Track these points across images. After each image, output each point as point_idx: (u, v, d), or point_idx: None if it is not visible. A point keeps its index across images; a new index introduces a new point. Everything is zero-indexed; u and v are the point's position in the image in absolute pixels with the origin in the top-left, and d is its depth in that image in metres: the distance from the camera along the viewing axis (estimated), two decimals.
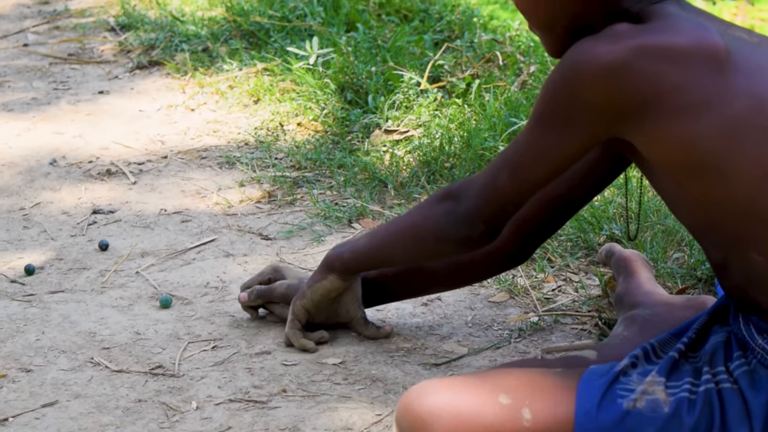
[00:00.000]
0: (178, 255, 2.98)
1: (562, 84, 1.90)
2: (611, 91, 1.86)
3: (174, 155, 3.66)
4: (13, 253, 3.03)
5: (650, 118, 1.85)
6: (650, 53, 1.85)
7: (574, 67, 1.88)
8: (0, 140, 3.83)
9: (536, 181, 2.03)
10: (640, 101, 1.85)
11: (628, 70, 1.84)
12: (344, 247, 2.41)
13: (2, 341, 2.56)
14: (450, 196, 2.15)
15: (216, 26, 4.75)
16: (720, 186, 1.85)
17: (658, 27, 1.89)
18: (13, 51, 4.90)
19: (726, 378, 1.89)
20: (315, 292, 2.42)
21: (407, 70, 3.85)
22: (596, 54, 1.86)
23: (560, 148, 1.95)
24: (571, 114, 1.91)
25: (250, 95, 4.07)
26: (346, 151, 3.55)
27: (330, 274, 2.40)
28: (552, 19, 2.01)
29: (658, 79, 1.84)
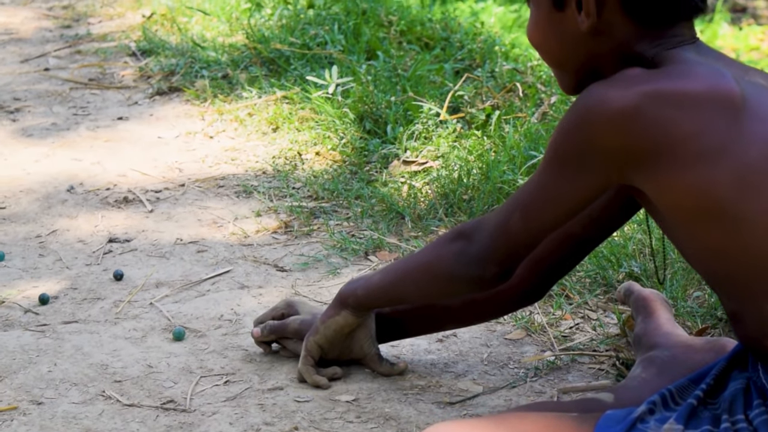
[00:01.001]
0: (192, 286, 2.96)
1: (575, 128, 1.88)
2: (623, 137, 1.83)
3: (191, 183, 3.65)
4: (28, 282, 3.01)
5: (663, 164, 1.82)
6: (663, 99, 1.82)
7: (586, 111, 1.86)
8: (18, 166, 3.83)
9: (548, 224, 2.00)
10: (652, 148, 1.82)
11: (640, 116, 1.82)
12: (358, 282, 2.38)
13: (14, 372, 2.54)
14: (462, 236, 2.12)
15: (236, 53, 4.74)
16: (733, 236, 1.82)
17: (672, 72, 1.86)
18: (34, 75, 4.91)
19: (746, 426, 1.85)
20: (328, 327, 2.40)
21: (427, 101, 3.83)
22: (608, 99, 1.83)
23: (573, 191, 1.93)
24: (583, 158, 1.88)
25: (269, 123, 4.05)
26: (364, 181, 3.53)
27: (343, 310, 2.38)
28: (564, 58, 2.00)
29: (670, 125, 1.81)
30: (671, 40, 1.91)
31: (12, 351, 2.63)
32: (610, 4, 1.92)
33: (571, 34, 1.96)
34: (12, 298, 2.91)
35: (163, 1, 5.67)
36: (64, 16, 5.97)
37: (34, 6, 6.25)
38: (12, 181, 3.69)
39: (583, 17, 1.93)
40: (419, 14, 5.23)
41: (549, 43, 2.00)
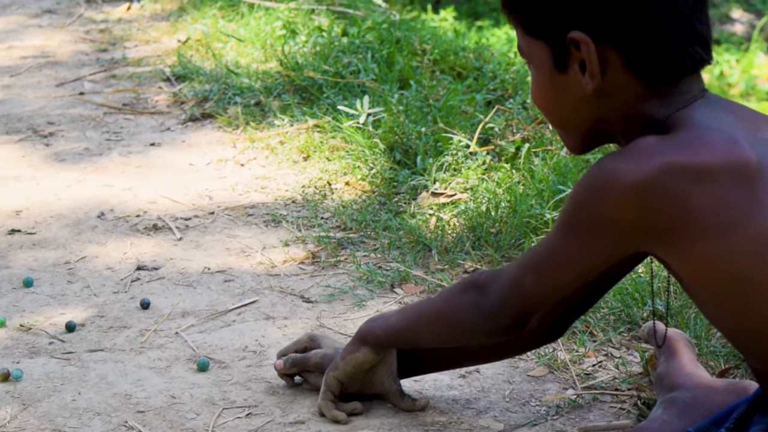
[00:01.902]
0: (218, 316, 2.97)
1: (588, 200, 1.86)
2: (637, 211, 1.81)
3: (221, 211, 3.67)
4: (56, 309, 3.03)
5: (679, 237, 1.80)
6: (678, 173, 1.78)
7: (599, 185, 1.83)
8: (50, 191, 3.86)
9: (562, 286, 2.00)
10: (667, 222, 1.80)
11: (655, 190, 1.79)
12: (377, 321, 2.39)
13: (39, 400, 2.56)
14: (477, 287, 2.12)
15: (270, 80, 4.77)
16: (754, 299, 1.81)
17: (685, 141, 1.82)
18: (69, 99, 4.95)
19: None
20: (347, 363, 2.40)
21: (457, 132, 3.83)
22: (622, 173, 1.80)
23: (586, 258, 1.92)
24: (596, 230, 1.87)
25: (300, 152, 4.07)
26: (392, 212, 3.53)
27: (363, 347, 2.39)
28: (569, 120, 1.96)
29: (686, 200, 1.79)
30: (681, 98, 1.87)
31: (37, 379, 2.65)
32: (613, 63, 1.87)
33: (574, 95, 1.91)
34: (39, 324, 2.94)
35: (198, 27, 5.72)
36: (101, 40, 6.02)
37: (71, 29, 6.31)
38: (43, 206, 3.72)
39: (587, 78, 1.88)
40: (453, 43, 5.25)
41: (552, 105, 1.96)
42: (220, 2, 6.16)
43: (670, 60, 1.87)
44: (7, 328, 2.92)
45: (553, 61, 1.92)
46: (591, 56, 1.86)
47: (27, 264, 3.31)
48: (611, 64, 1.87)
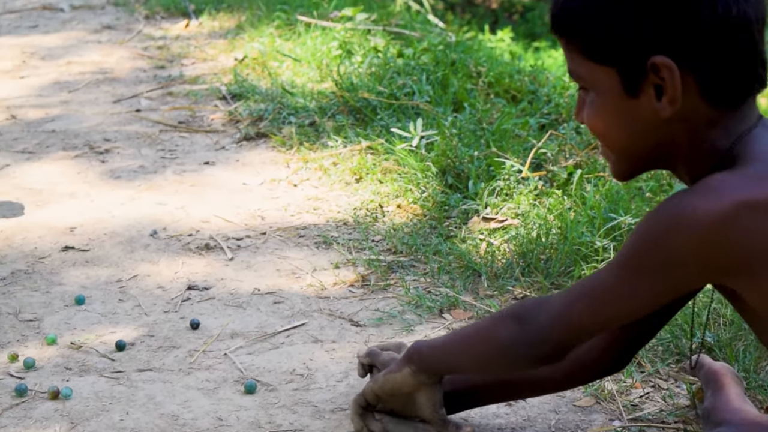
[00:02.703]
0: (267, 338, 2.98)
1: (660, 237, 1.83)
2: (712, 250, 1.79)
3: (273, 232, 3.68)
4: (106, 327, 3.06)
5: (755, 270, 1.79)
6: (753, 209, 1.77)
7: (674, 222, 1.80)
8: (104, 208, 3.90)
9: (617, 320, 1.99)
10: (744, 256, 1.78)
11: (730, 229, 1.77)
12: (425, 341, 2.38)
13: (87, 419, 2.58)
14: (521, 314, 2.10)
15: (324, 100, 4.79)
16: None
17: (755, 176, 1.80)
18: (125, 116, 4.99)
19: None
20: (386, 381, 2.39)
21: (510, 157, 3.83)
22: (696, 212, 1.78)
23: (648, 295, 1.89)
24: (666, 267, 1.84)
25: (353, 173, 4.09)
26: (443, 237, 3.54)
27: (405, 367, 2.35)
28: (631, 146, 1.93)
29: (762, 236, 1.77)
30: (741, 124, 1.86)
31: (86, 397, 2.68)
32: (688, 87, 1.84)
33: (644, 121, 1.88)
34: (90, 342, 2.96)
35: (255, 46, 5.76)
36: (159, 57, 6.08)
37: (130, 45, 6.38)
38: (97, 224, 3.76)
39: (664, 104, 1.84)
40: (508, 66, 5.25)
41: (615, 131, 1.92)
42: (277, 21, 6.20)
43: (742, 82, 1.86)
44: (58, 345, 2.95)
45: (623, 87, 1.87)
46: (675, 81, 1.82)
47: (79, 281, 3.35)
48: (686, 88, 1.84)
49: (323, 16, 6.15)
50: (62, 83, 5.64)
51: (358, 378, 2.72)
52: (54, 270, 3.43)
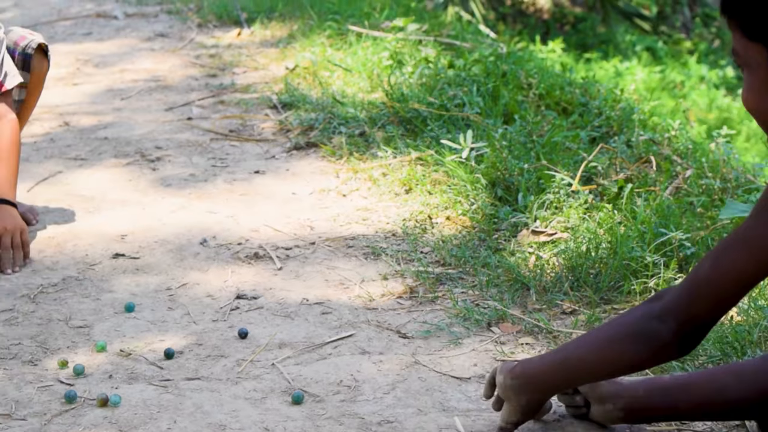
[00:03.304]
0: (315, 349, 2.99)
1: None
2: None
3: (322, 242, 3.69)
4: (156, 335, 3.08)
5: None
6: None
7: None
8: (155, 216, 3.92)
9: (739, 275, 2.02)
10: None
11: None
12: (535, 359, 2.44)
13: (135, 427, 2.59)
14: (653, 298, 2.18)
15: (375, 110, 4.80)
16: None
17: None
18: (177, 124, 5.02)
19: None
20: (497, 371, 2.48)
21: (560, 170, 3.82)
22: None
23: None
24: None
25: (402, 184, 4.09)
26: (492, 249, 3.53)
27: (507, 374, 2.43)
28: None
29: None
30: None
31: (135, 405, 2.69)
32: None
33: None
34: (139, 350, 2.98)
35: (306, 55, 5.78)
36: (211, 65, 6.11)
37: (183, 53, 6.42)
38: (148, 232, 3.78)
39: None
40: (559, 78, 5.23)
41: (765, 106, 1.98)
42: (329, 31, 6.22)
43: None
44: (107, 352, 2.97)
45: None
46: None
47: (129, 289, 3.37)
48: None
49: (375, 26, 6.16)
50: (115, 90, 5.68)
51: (405, 390, 2.72)
52: (104, 277, 3.45)
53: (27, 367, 2.90)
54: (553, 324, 3.07)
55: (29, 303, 3.28)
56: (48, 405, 2.70)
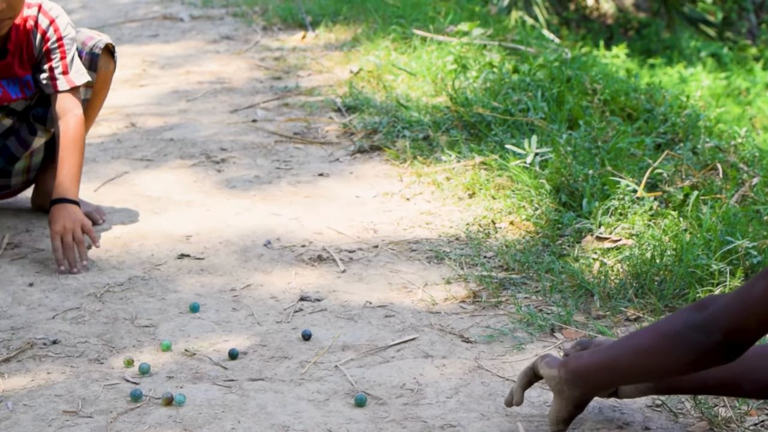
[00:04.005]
0: (378, 351, 3.00)
1: None
2: None
3: (385, 245, 3.70)
4: (220, 335, 3.10)
5: None
6: None
7: None
8: (220, 217, 3.94)
9: None
10: None
11: None
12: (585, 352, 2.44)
13: (199, 427, 2.61)
14: (699, 306, 2.17)
15: (439, 114, 4.80)
16: None
17: None
18: (242, 126, 5.05)
19: None
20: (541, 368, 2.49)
21: (625, 176, 3.80)
22: None
23: None
24: None
25: (466, 188, 4.09)
26: (556, 255, 3.52)
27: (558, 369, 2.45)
28: None
29: None
30: None
31: (199, 405, 2.71)
32: None
33: None
34: (203, 350, 3.00)
35: (371, 59, 5.79)
36: (275, 68, 6.14)
37: (248, 56, 6.45)
38: (212, 233, 3.81)
39: None
40: (624, 84, 5.21)
41: None
42: (393, 34, 6.23)
43: None
44: (172, 352, 3.00)
45: None
46: None
47: (194, 289, 3.39)
48: None
49: (439, 31, 6.16)
50: (181, 92, 5.72)
51: (468, 394, 2.73)
52: (170, 277, 3.48)
53: (93, 365, 2.93)
54: (616, 331, 3.06)
55: (96, 302, 3.31)
56: (114, 403, 2.73)
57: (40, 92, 3.81)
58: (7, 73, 3.70)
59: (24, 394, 2.78)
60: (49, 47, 3.70)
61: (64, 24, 3.73)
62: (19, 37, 3.68)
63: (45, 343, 3.05)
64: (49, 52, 3.70)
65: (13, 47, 3.67)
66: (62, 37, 3.71)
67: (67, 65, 3.72)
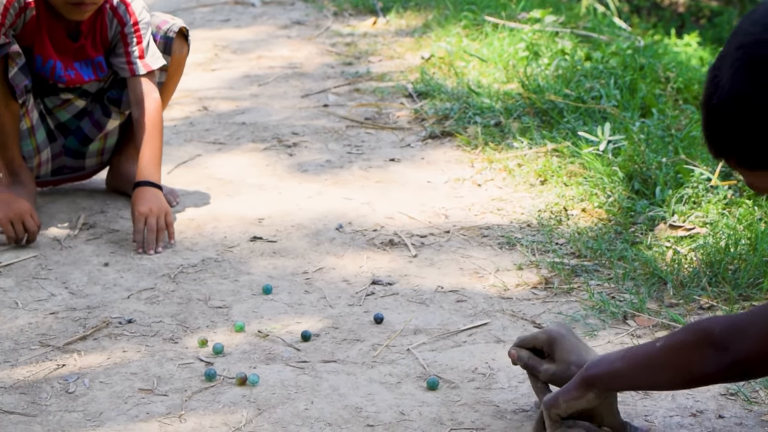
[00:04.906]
0: (449, 336, 3.00)
1: None
2: None
3: (456, 231, 3.70)
4: (292, 317, 3.12)
5: None
6: None
7: None
8: (292, 201, 3.97)
9: None
10: None
11: None
12: (601, 367, 2.36)
13: (273, 407, 2.63)
14: (714, 344, 2.13)
15: (510, 101, 4.79)
16: None
17: None
18: (313, 111, 5.07)
19: None
20: (570, 407, 2.38)
21: (698, 164, 3.78)
22: None
23: None
24: None
25: (537, 175, 4.08)
26: (628, 242, 3.50)
27: (588, 392, 2.37)
28: None
29: None
30: None
31: (272, 385, 2.73)
32: None
33: None
34: (276, 332, 3.03)
35: (442, 45, 5.78)
36: (346, 53, 6.15)
37: (318, 41, 6.47)
38: (285, 216, 3.83)
39: None
40: (697, 72, 5.17)
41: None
42: (465, 21, 6.22)
43: None
44: (245, 333, 3.02)
45: None
46: None
47: (267, 271, 3.42)
48: None
49: (511, 17, 6.15)
50: (252, 77, 5.75)
51: None
52: (242, 259, 3.51)
53: (168, 345, 2.96)
54: (689, 319, 3.04)
55: (170, 282, 3.35)
56: (188, 382, 2.76)
57: (113, 75, 3.85)
58: (80, 56, 3.75)
59: (100, 371, 2.82)
60: (125, 32, 3.74)
61: (140, 8, 3.77)
62: (93, 19, 3.72)
63: (120, 322, 3.09)
64: (125, 37, 3.74)
65: (86, 29, 3.71)
66: (138, 22, 3.75)
67: (143, 50, 3.75)
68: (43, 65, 3.69)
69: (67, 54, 3.72)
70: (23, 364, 2.86)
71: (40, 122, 3.84)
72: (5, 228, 3.58)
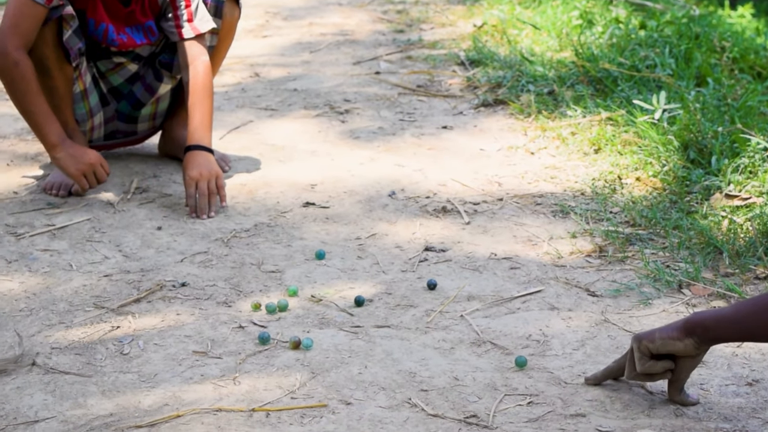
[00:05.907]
0: (503, 302, 2.99)
1: None
2: None
3: (509, 198, 3.69)
4: (345, 282, 3.12)
5: None
6: None
7: None
8: (344, 167, 3.96)
9: None
10: None
11: None
12: (707, 314, 2.36)
13: (327, 371, 2.63)
14: None
15: (564, 69, 4.76)
16: None
17: None
18: (365, 78, 5.06)
19: None
20: (665, 345, 2.39)
21: (755, 134, 3.74)
22: None
23: None
24: None
25: (591, 144, 4.05)
26: (683, 212, 3.48)
27: (688, 338, 2.37)
28: None
29: None
30: None
31: (326, 349, 2.73)
32: None
33: None
34: (329, 297, 3.02)
35: (495, 13, 5.75)
36: (398, 21, 6.13)
37: (370, 8, 6.45)
38: (337, 182, 3.82)
39: None
40: (753, 42, 5.11)
41: None
42: None
43: None
44: (299, 297, 3.02)
45: None
46: None
47: (319, 237, 3.41)
48: None
49: None
50: (304, 44, 5.75)
51: (595, 347, 2.72)
52: (295, 224, 3.51)
53: (221, 308, 2.97)
54: (745, 289, 3.02)
55: (223, 246, 3.35)
56: (242, 345, 2.76)
57: (165, 39, 3.85)
58: (130, 21, 3.75)
59: (154, 333, 2.83)
60: None
61: None
62: None
63: (174, 286, 3.10)
64: (174, 1, 3.74)
65: None
66: None
67: (192, 13, 3.75)
68: (96, 28, 3.70)
69: (119, 18, 3.73)
70: (78, 325, 2.88)
71: (93, 86, 3.84)
72: (78, 180, 3.63)
